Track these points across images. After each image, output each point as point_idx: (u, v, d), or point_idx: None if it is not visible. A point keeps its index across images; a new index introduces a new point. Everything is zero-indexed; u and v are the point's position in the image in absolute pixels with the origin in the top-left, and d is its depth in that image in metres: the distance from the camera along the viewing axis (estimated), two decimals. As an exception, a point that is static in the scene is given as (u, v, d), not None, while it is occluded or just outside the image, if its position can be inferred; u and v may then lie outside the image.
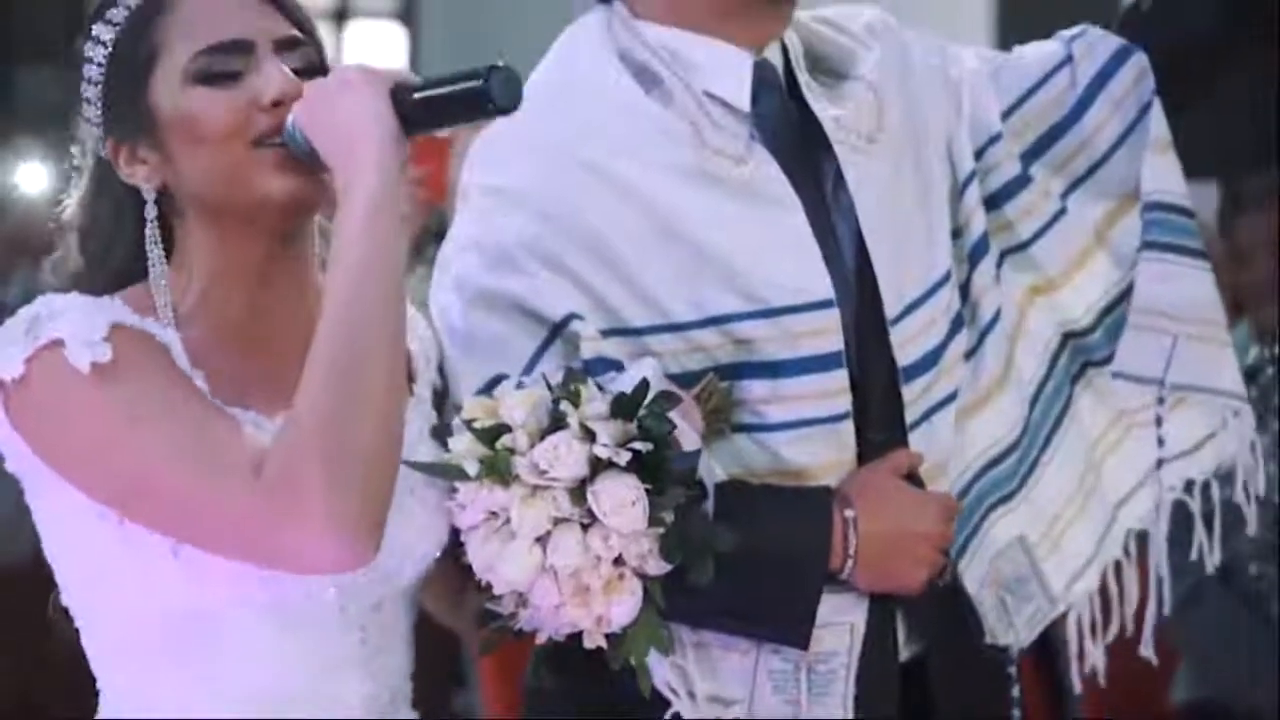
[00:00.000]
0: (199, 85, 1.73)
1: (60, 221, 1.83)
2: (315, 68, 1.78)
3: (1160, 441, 2.28)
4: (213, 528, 1.65)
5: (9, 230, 5.35)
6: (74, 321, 1.67)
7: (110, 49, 1.76)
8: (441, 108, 1.71)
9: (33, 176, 4.73)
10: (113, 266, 1.79)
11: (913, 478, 2.08)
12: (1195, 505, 2.31)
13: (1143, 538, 2.32)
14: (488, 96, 1.67)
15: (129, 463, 1.65)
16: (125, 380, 1.65)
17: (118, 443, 1.65)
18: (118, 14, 1.77)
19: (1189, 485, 2.31)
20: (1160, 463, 2.29)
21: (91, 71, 1.78)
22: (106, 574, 1.72)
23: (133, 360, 1.67)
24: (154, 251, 1.75)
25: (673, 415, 1.82)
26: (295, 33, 1.78)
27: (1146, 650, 2.31)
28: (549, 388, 1.79)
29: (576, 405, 1.76)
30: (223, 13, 1.75)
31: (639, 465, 1.74)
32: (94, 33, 1.77)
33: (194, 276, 1.77)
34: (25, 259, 4.98)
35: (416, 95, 1.70)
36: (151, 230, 1.75)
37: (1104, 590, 2.32)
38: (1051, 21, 2.35)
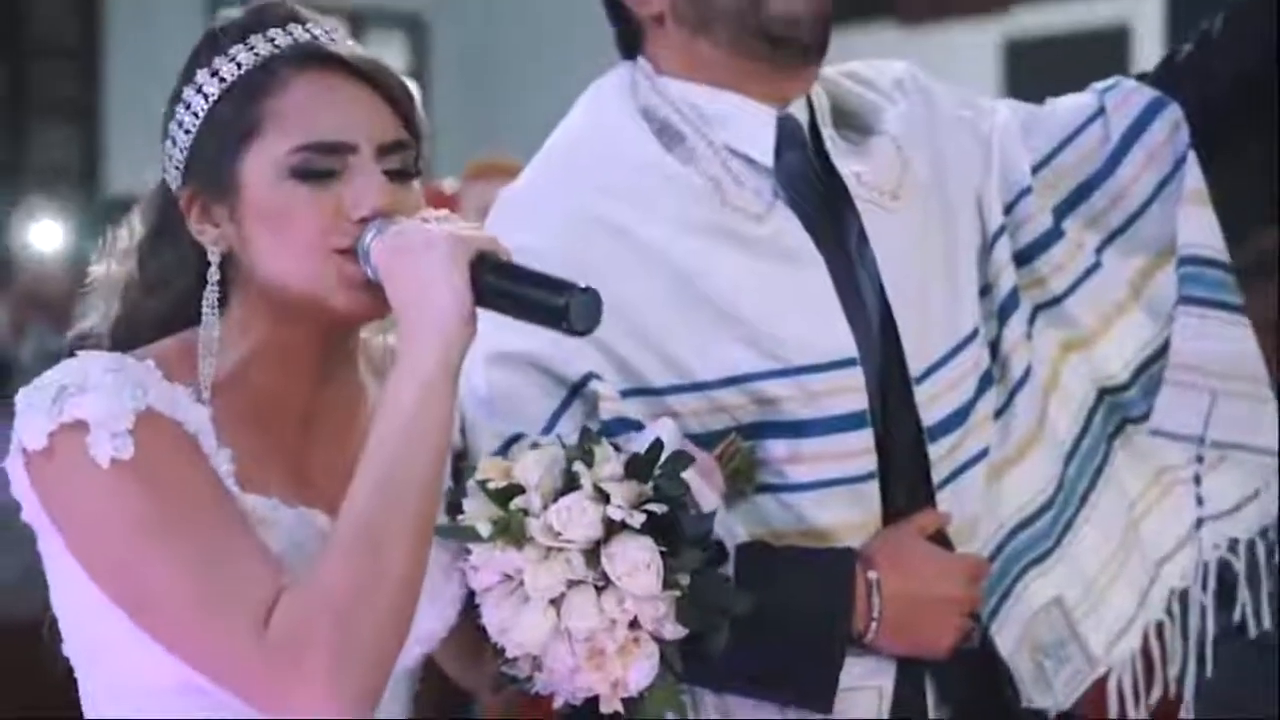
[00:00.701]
0: (293, 179, 1.68)
1: (102, 274, 1.80)
2: (410, 172, 1.74)
3: (1200, 500, 2.25)
4: (210, 666, 1.61)
5: (22, 286, 5.41)
6: (101, 402, 1.62)
7: (210, 101, 1.71)
8: (516, 302, 1.67)
9: (45, 234, 4.78)
10: (163, 308, 1.76)
11: (941, 538, 2.05)
12: (1240, 565, 2.26)
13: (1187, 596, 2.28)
14: (565, 317, 1.64)
15: (137, 571, 1.62)
16: (146, 480, 1.61)
17: (128, 548, 1.62)
18: (226, 68, 1.71)
19: (1233, 544, 2.26)
20: (1200, 522, 2.25)
21: (185, 118, 1.72)
22: (109, 638, 1.69)
23: (156, 458, 1.62)
24: (209, 316, 1.71)
25: (693, 476, 1.80)
26: (400, 135, 1.73)
27: (1188, 714, 2.27)
28: (563, 448, 1.77)
29: (590, 466, 1.74)
30: (332, 106, 1.70)
31: (654, 527, 1.71)
32: (197, 79, 1.72)
33: (240, 346, 1.73)
34: (38, 314, 5.03)
35: (497, 281, 1.65)
36: (209, 294, 1.71)
37: (1146, 651, 2.28)
38: (1059, 76, 2.32)
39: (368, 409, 1.77)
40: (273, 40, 1.72)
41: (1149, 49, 6.96)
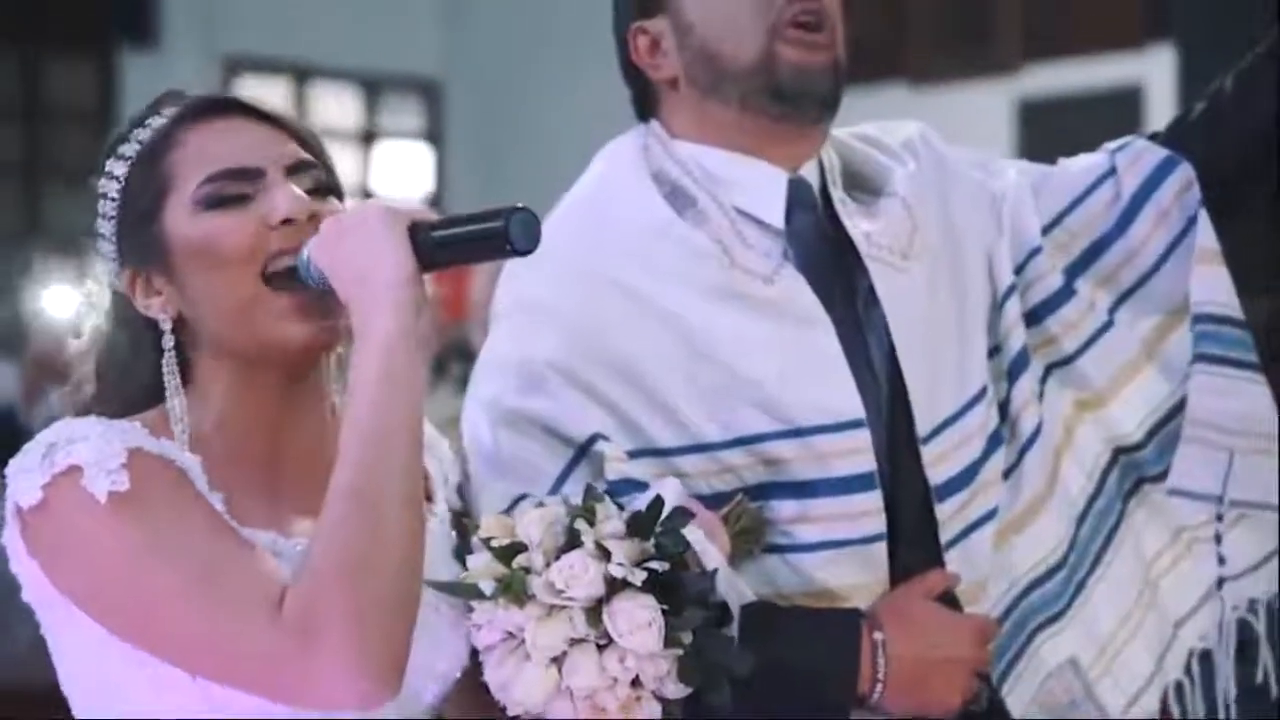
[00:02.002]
0: (209, 210, 1.73)
1: (74, 354, 1.84)
2: (326, 188, 1.78)
3: (1221, 559, 2.22)
4: (232, 664, 1.63)
5: (36, 353, 5.43)
6: (92, 447, 1.66)
7: (123, 182, 1.77)
8: (460, 247, 1.70)
9: (59, 301, 4.80)
10: (128, 394, 1.78)
11: (950, 599, 2.03)
12: (1260, 625, 2.24)
13: (1206, 657, 2.26)
14: (507, 238, 1.66)
15: (146, 595, 1.63)
16: (143, 509, 1.64)
17: (135, 574, 1.63)
18: (129, 149, 1.78)
19: (1253, 604, 2.24)
20: (1221, 581, 2.23)
21: (106, 207, 1.78)
22: (124, 703, 1.69)
23: (151, 488, 1.65)
24: (171, 381, 1.74)
25: (699, 535, 1.79)
26: (304, 156, 1.78)
27: (1210, 776, 2.25)
28: (566, 506, 1.77)
29: (592, 523, 1.74)
30: (231, 142, 1.76)
31: (656, 585, 1.71)
32: (108, 168, 1.79)
33: (210, 405, 1.77)
34: (52, 382, 5.02)
35: (435, 234, 1.69)
36: (168, 359, 1.75)
37: (1165, 713, 2.25)
38: (1072, 137, 2.32)
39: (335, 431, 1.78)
40: (167, 115, 1.79)
41: (1161, 109, 6.97)
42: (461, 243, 1.69)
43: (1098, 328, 2.20)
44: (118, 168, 1.78)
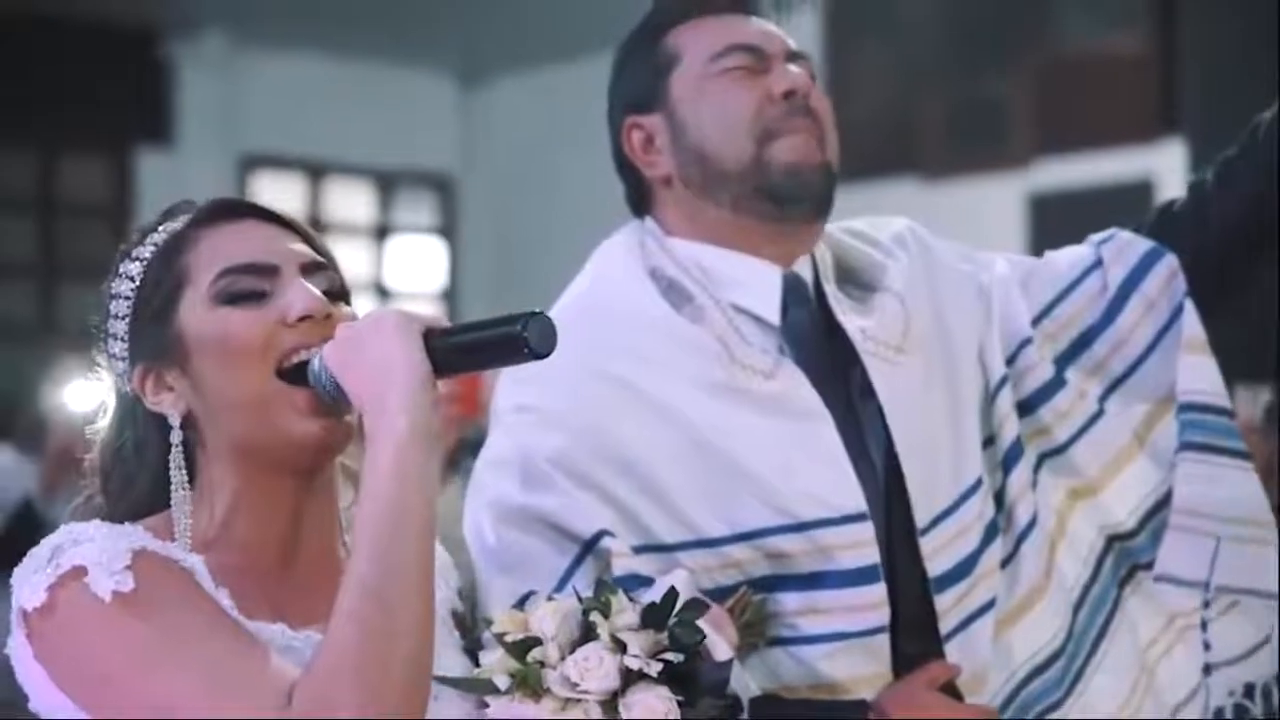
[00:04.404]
0: (225, 305, 1.74)
1: (84, 462, 1.84)
2: (339, 292, 1.80)
3: (1207, 646, 2.23)
4: None
5: (55, 447, 5.43)
6: (96, 549, 1.66)
7: (138, 281, 1.78)
8: (476, 352, 1.68)
9: (76, 396, 4.81)
10: (134, 499, 1.80)
11: (951, 690, 2.04)
12: (1257, 710, 2.24)
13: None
14: (525, 343, 1.64)
15: (152, 695, 1.62)
16: (148, 609, 1.64)
17: (140, 674, 1.63)
18: (145, 251, 1.79)
19: (1249, 689, 2.24)
20: (1209, 668, 2.24)
21: (119, 307, 1.79)
22: None
23: (156, 587, 1.65)
24: (177, 476, 1.74)
25: (706, 627, 1.80)
26: (318, 258, 1.79)
27: None
28: (579, 600, 1.77)
29: (607, 616, 1.75)
30: (246, 241, 1.77)
31: (671, 676, 1.71)
32: (121, 269, 1.80)
33: (216, 506, 1.76)
34: (72, 477, 5.01)
35: (451, 339, 1.67)
36: (175, 455, 1.74)
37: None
38: (1083, 230, 2.34)
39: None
40: (182, 220, 1.81)
41: (1172, 202, 6.97)
42: (478, 348, 1.68)
43: (1089, 417, 2.22)
44: (132, 268, 1.79)
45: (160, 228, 1.81)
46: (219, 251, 1.76)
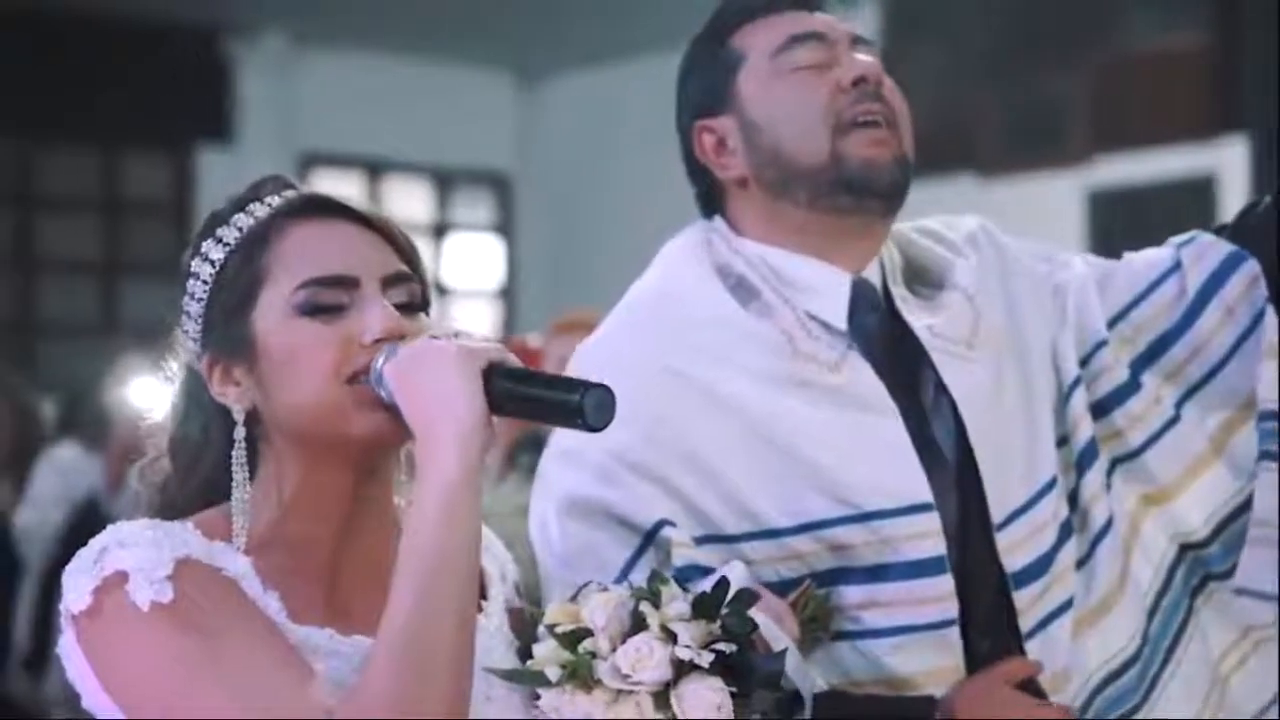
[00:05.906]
0: (302, 317, 1.72)
1: (149, 428, 1.83)
2: (417, 304, 1.76)
3: None
4: None
5: (119, 443, 5.46)
6: (140, 554, 1.65)
7: (218, 268, 1.75)
8: (531, 405, 1.67)
9: (140, 393, 4.82)
10: (202, 476, 1.78)
11: (1034, 689, 2.01)
12: (1335, 725, 2.21)
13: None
14: (580, 414, 1.63)
15: (184, 708, 1.61)
16: (187, 621, 1.62)
17: (175, 686, 1.61)
18: (229, 233, 1.76)
19: None
20: None
21: (196, 288, 1.77)
22: None
23: (196, 600, 1.64)
24: (239, 474, 1.73)
25: (768, 621, 1.78)
26: (402, 268, 1.77)
27: None
28: (631, 590, 1.76)
29: (657, 606, 1.72)
30: (331, 245, 1.75)
31: (723, 667, 1.69)
32: (203, 249, 1.77)
33: (276, 501, 1.75)
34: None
35: (509, 386, 1.65)
36: (238, 453, 1.73)
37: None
38: (1144, 227, 2.31)
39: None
40: (270, 204, 1.78)
41: (1234, 199, 6.92)
42: (534, 401, 1.67)
43: (1164, 422, 2.19)
44: (214, 251, 1.76)
45: (248, 208, 1.77)
46: (304, 253, 1.74)
